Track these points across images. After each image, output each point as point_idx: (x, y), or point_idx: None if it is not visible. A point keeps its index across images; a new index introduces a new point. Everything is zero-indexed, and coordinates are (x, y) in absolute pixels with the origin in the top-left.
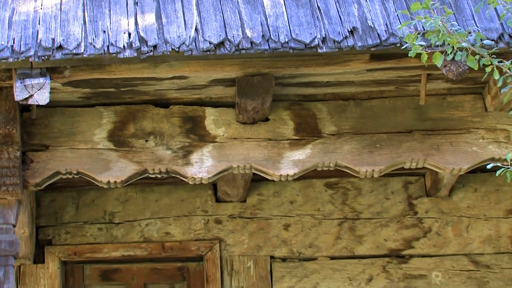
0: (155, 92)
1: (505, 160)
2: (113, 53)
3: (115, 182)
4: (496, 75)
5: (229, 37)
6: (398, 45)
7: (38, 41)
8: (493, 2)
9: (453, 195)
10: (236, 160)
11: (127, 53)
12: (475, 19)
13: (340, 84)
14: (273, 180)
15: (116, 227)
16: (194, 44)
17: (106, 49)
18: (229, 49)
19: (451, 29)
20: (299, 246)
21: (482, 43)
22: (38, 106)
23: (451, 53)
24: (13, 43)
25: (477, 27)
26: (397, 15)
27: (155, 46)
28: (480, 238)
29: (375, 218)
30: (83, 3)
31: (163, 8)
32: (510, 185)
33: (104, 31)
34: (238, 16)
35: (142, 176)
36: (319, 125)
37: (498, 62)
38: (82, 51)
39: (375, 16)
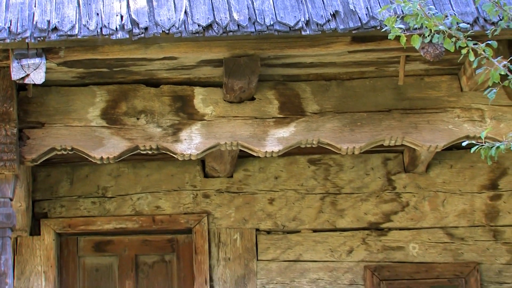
0: (146, 72)
1: (480, 138)
2: (106, 35)
3: (108, 158)
4: (472, 57)
5: (217, 20)
6: (378, 28)
7: (34, 23)
8: None
9: (429, 171)
10: (223, 138)
11: (119, 35)
12: (452, 3)
13: (323, 65)
14: (259, 157)
15: (108, 201)
16: (183, 26)
17: (99, 31)
18: (217, 31)
19: (428, 12)
20: (283, 219)
21: (458, 26)
22: (34, 85)
23: (428, 35)
24: (10, 24)
25: (454, 11)
26: None
27: (146, 28)
28: (455, 212)
29: (356, 193)
30: None
31: None
32: (484, 161)
33: (98, 14)
34: (225, 0)
35: (133, 153)
36: (303, 104)
37: (474, 44)
38: (76, 32)
39: (357, 0)
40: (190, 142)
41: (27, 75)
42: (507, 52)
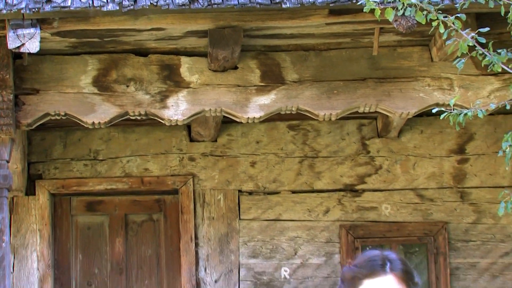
0: (135, 42)
1: (449, 105)
2: (97, 7)
3: (99, 123)
4: (442, 29)
5: None
6: (354, 1)
7: None
8: None
9: (401, 136)
10: (208, 104)
11: (110, 7)
12: None
13: (302, 36)
14: (241, 122)
15: (100, 163)
16: None
17: (91, 2)
18: (202, 3)
19: None
20: (264, 181)
21: (429, 0)
22: (29, 54)
23: (401, 9)
24: None
25: None
26: None
27: (135, 1)
28: (425, 175)
29: (332, 156)
30: None
31: None
32: (453, 127)
33: None
34: None
35: (123, 118)
36: (283, 73)
37: (444, 17)
38: (69, 4)
39: None
40: (177, 108)
41: (23, 44)
42: (475, 24)
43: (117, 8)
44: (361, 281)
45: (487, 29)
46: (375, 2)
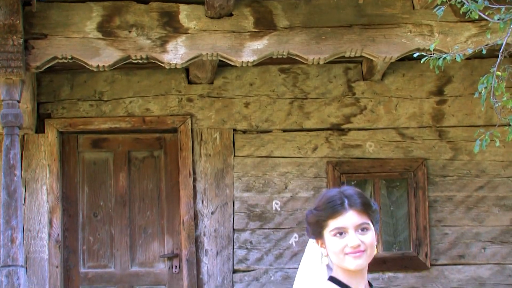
0: None
1: (429, 50)
2: None
3: (103, 66)
4: None
5: None
6: None
7: None
8: None
9: (385, 79)
10: (205, 49)
11: None
12: None
13: None
14: (236, 66)
15: (104, 103)
16: None
17: None
18: None
19: None
20: (257, 121)
21: None
22: (37, 0)
23: None
24: None
25: None
26: None
27: None
28: (406, 115)
29: (320, 98)
30: None
31: None
32: (432, 71)
33: None
34: None
35: (126, 61)
36: (275, 20)
37: None
38: None
39: None
40: (176, 53)
41: None
42: None
43: None
44: (325, 222)
45: None
46: None
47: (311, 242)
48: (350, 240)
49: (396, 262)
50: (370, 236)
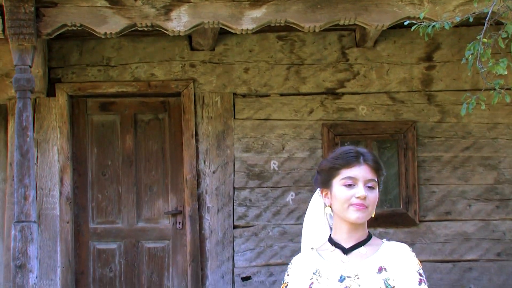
0: None
1: (419, 18)
2: None
3: (111, 33)
4: None
5: None
6: None
7: None
8: None
9: (377, 46)
10: (206, 17)
11: None
12: None
13: None
14: (236, 33)
15: (112, 69)
16: None
17: None
18: None
19: None
20: (256, 85)
21: None
22: None
23: None
24: None
25: None
26: None
27: None
28: (397, 80)
29: (316, 63)
30: None
31: None
32: (422, 38)
33: None
34: None
35: (132, 29)
36: None
37: None
38: None
39: None
40: (179, 21)
41: None
42: None
43: None
44: (338, 170)
45: None
46: None
47: (316, 196)
48: (358, 191)
49: (387, 219)
50: (375, 195)
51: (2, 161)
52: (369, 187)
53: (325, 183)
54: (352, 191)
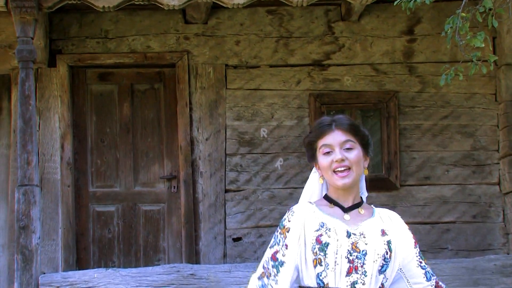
0: None
1: None
2: None
3: (109, 7)
4: None
5: None
6: None
7: None
8: None
9: (361, 20)
10: None
11: None
12: None
13: None
14: (228, 7)
15: (109, 41)
16: None
17: None
18: None
19: None
20: (247, 57)
21: None
22: None
23: None
24: None
25: None
26: None
27: None
28: (380, 52)
29: (303, 37)
30: None
31: None
32: (404, 12)
33: None
34: None
35: (129, 3)
36: None
37: None
38: None
39: None
40: None
41: None
42: None
43: None
44: (316, 142)
45: None
46: None
47: (313, 171)
48: (335, 155)
49: (370, 183)
50: (354, 154)
51: (6, 128)
52: (347, 148)
53: (312, 157)
54: (331, 157)
